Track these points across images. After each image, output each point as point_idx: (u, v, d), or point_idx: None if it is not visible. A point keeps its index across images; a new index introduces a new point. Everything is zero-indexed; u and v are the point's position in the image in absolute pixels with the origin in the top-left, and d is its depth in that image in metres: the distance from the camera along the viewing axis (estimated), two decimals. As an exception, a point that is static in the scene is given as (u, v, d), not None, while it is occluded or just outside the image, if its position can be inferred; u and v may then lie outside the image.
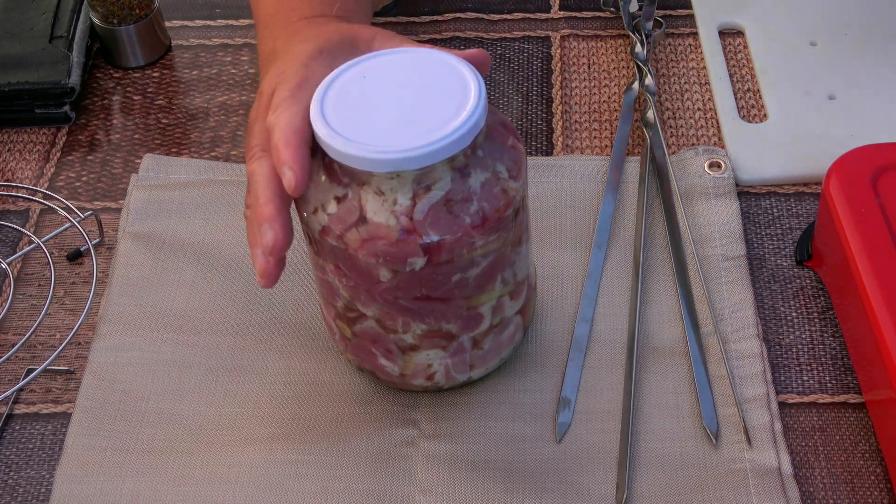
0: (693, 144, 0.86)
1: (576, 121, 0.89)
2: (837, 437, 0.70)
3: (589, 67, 0.93)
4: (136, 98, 0.93)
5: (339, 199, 0.62)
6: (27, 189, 0.86)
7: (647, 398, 0.71)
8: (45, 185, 0.87)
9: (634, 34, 0.92)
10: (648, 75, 0.89)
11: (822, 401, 0.72)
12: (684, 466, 0.68)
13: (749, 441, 0.69)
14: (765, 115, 0.88)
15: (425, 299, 0.64)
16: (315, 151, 0.63)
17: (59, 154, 0.89)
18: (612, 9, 0.97)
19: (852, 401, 0.72)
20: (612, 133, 0.88)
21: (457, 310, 0.65)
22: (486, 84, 0.67)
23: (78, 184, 0.87)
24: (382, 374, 0.70)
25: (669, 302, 0.76)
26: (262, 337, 0.75)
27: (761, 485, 0.67)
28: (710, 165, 0.83)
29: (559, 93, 0.91)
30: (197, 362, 0.74)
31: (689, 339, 0.73)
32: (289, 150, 0.61)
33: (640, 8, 0.94)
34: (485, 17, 0.98)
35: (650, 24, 0.93)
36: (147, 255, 0.80)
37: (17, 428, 0.73)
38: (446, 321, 0.66)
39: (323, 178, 0.63)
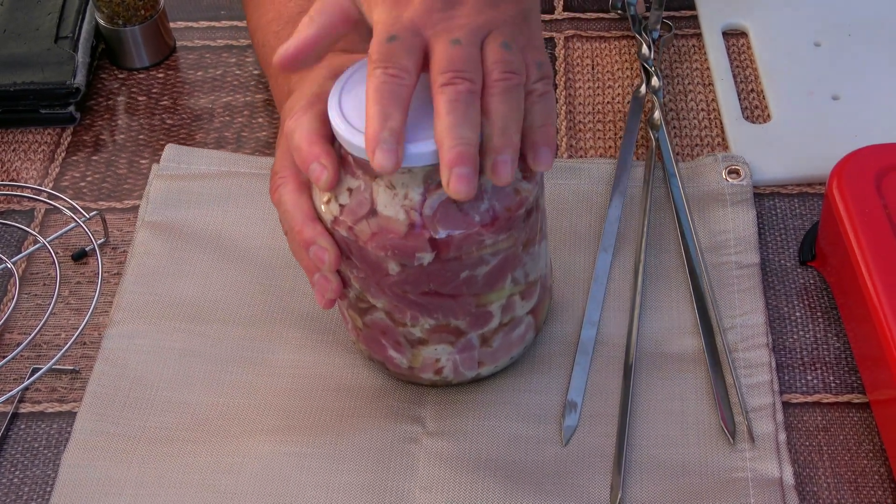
0: (698, 146, 0.86)
1: (580, 122, 0.89)
2: (841, 437, 0.70)
3: (593, 69, 0.93)
4: (140, 99, 0.93)
5: (351, 191, 0.62)
6: (32, 189, 0.86)
7: (651, 403, 0.71)
8: (50, 185, 0.87)
9: (642, 36, 0.92)
10: (655, 78, 0.89)
11: (825, 400, 0.72)
12: (685, 473, 0.68)
13: (754, 444, 0.68)
14: (768, 116, 0.88)
15: (433, 294, 0.64)
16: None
17: (63, 154, 0.89)
18: (619, 10, 0.97)
19: (856, 400, 0.72)
20: (616, 134, 0.88)
21: (465, 306, 0.66)
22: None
23: (83, 184, 0.87)
24: (391, 365, 0.70)
25: (679, 307, 0.75)
26: (273, 329, 0.76)
27: (761, 495, 0.66)
28: (729, 172, 0.82)
29: (563, 94, 0.91)
30: (206, 352, 0.75)
31: (699, 345, 0.73)
32: (314, 147, 0.62)
33: (648, 10, 0.94)
34: (489, 18, 0.98)
35: (658, 27, 0.93)
36: (164, 245, 0.80)
37: (23, 427, 0.73)
38: (454, 317, 0.66)
39: None
